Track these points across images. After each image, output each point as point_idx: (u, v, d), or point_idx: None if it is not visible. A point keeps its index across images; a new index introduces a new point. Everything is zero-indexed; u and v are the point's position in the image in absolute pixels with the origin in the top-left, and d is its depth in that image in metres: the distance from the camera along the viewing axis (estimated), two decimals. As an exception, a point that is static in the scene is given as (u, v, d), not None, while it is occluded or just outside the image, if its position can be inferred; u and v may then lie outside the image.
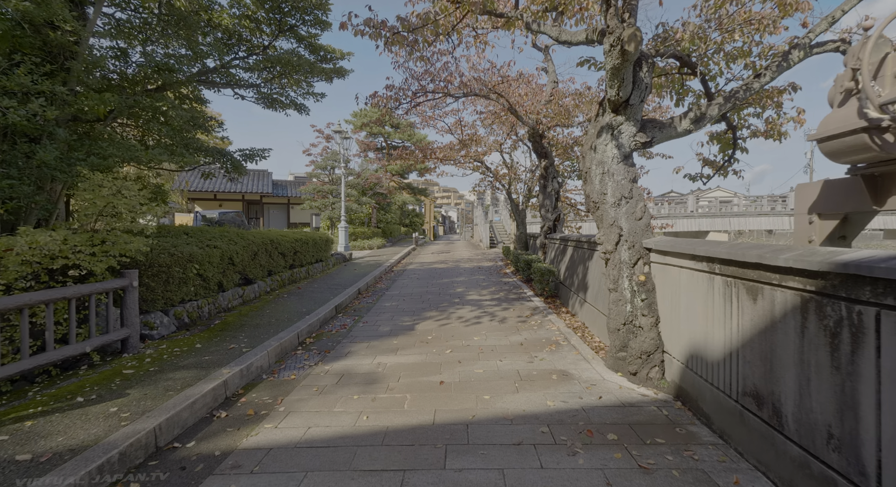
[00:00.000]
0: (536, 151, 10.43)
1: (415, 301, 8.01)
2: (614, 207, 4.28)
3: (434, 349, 5.06)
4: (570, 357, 4.66)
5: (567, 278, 7.50)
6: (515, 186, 13.38)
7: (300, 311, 6.53)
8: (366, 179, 21.65)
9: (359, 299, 8.36)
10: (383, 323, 6.39)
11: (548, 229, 10.55)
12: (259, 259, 7.46)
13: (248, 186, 23.93)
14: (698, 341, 3.18)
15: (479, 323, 6.27)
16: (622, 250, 4.21)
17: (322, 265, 11.14)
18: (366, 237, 19.66)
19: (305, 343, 5.37)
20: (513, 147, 13.38)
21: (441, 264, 14.47)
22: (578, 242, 7.08)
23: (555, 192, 10.65)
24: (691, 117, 4.16)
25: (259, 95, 8.16)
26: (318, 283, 9.35)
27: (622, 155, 4.31)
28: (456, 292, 8.99)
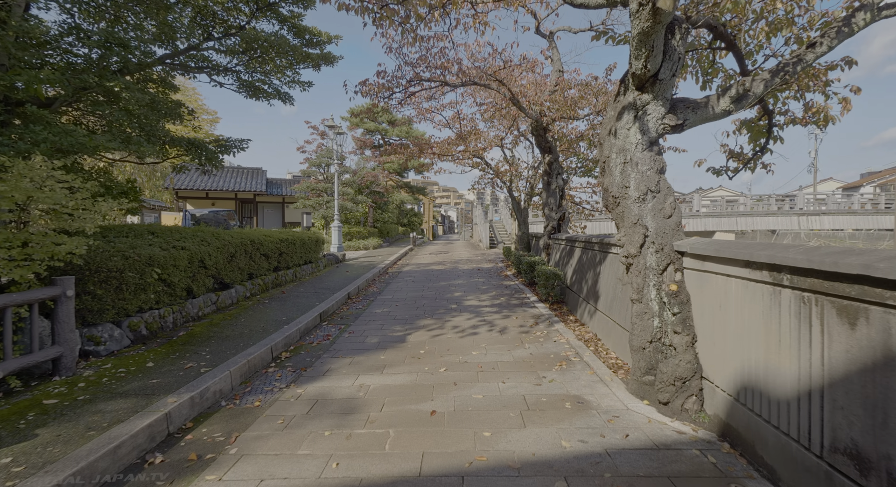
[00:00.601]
0: (540, 145, 9.77)
1: (408, 307, 7.35)
2: (638, 202, 3.62)
3: (426, 366, 4.40)
4: (584, 378, 4.00)
5: (575, 283, 6.84)
6: (517, 183, 12.73)
7: (279, 320, 5.86)
8: (362, 178, 20.99)
9: (348, 304, 7.70)
10: (371, 334, 5.73)
11: (552, 229, 9.90)
12: (237, 262, 6.80)
13: (241, 184, 23.27)
14: (755, 370, 2.52)
15: (477, 334, 5.61)
16: (648, 254, 3.55)
17: (312, 267, 10.47)
18: (361, 237, 19.00)
19: (280, 359, 4.71)
20: (514, 143, 12.72)
21: (438, 266, 13.81)
22: (588, 243, 6.42)
23: (559, 189, 10.00)
24: (732, 95, 3.50)
25: (240, 83, 7.50)
26: (306, 287, 8.68)
27: (647, 141, 3.65)
28: (453, 296, 8.32)
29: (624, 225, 3.77)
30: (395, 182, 30.01)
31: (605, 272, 5.45)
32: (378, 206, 23.53)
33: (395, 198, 28.23)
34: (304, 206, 18.49)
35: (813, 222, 25.62)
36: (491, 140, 11.28)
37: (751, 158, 5.31)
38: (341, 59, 8.06)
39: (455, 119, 10.87)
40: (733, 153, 5.63)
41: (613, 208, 3.86)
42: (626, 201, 3.70)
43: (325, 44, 7.46)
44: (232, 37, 6.54)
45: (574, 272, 7.02)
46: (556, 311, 6.88)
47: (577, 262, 6.93)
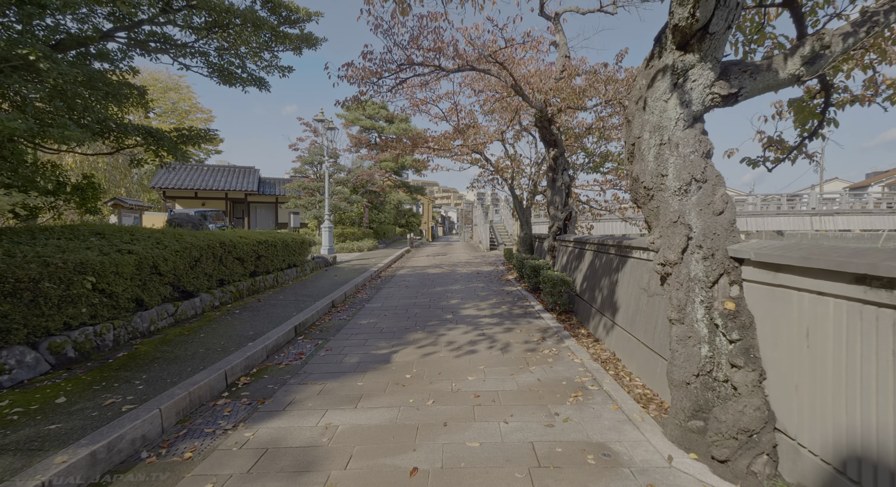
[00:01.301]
0: (544, 138, 8.98)
1: (398, 318, 6.55)
2: (679, 195, 2.82)
3: (412, 397, 3.60)
4: (607, 416, 3.19)
5: (586, 291, 6.04)
6: (519, 180, 11.93)
7: (245, 334, 5.06)
8: (357, 177, 20.20)
9: (331, 314, 6.89)
10: (352, 351, 4.92)
11: (557, 230, 9.09)
12: (203, 266, 6.00)
13: (232, 183, 22.49)
14: (878, 433, 1.72)
15: (475, 352, 4.80)
16: (693, 261, 2.75)
17: (297, 271, 9.67)
18: (356, 239, 18.20)
19: (236, 386, 3.90)
20: (516, 137, 11.92)
21: (435, 269, 13.00)
22: (601, 245, 5.62)
23: (565, 186, 9.20)
24: (804, 55, 2.70)
25: (210, 67, 6.70)
26: (286, 293, 7.87)
27: (690, 116, 2.85)
28: (449, 304, 7.52)
29: (659, 224, 2.97)
30: (393, 182, 29.23)
31: (625, 280, 4.65)
32: (374, 206, 22.73)
33: (392, 198, 27.44)
34: (295, 206, 17.69)
35: (826, 222, 24.80)
36: (491, 135, 10.50)
37: (796, 146, 4.51)
38: (325, 42, 7.27)
39: (452, 111, 10.09)
40: (772, 141, 4.84)
41: (645, 203, 3.06)
42: (663, 194, 2.90)
43: (304, 22, 6.67)
44: (195, 9, 5.74)
45: (585, 279, 6.22)
46: (564, 323, 6.07)
47: (589, 267, 6.13)
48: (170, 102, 40.14)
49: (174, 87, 40.12)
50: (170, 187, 20.91)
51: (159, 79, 39.39)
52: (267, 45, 6.75)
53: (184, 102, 40.41)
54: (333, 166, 19.22)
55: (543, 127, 8.68)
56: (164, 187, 20.85)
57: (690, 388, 2.70)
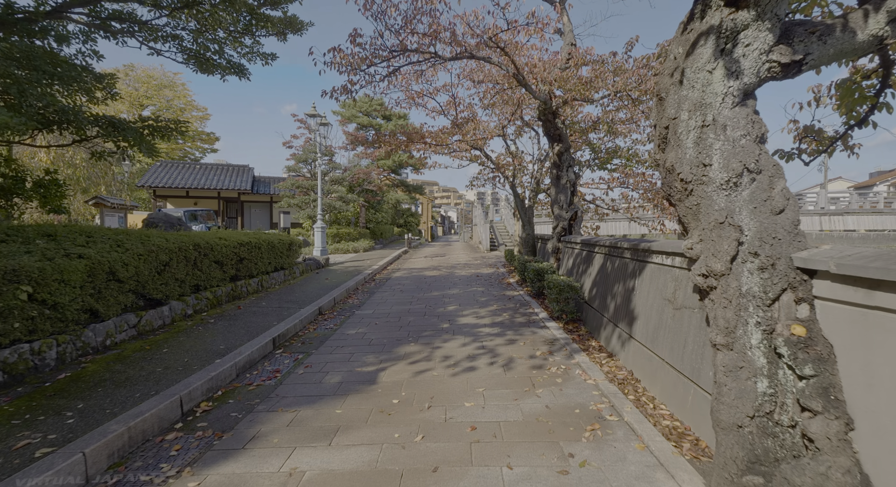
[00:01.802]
0: (548, 133, 8.41)
1: (389, 327, 5.98)
2: (726, 189, 2.26)
3: (398, 430, 3.03)
4: (632, 458, 2.63)
5: (596, 298, 5.47)
6: (520, 178, 11.36)
7: (215, 349, 4.49)
8: (353, 175, 19.63)
9: (316, 323, 6.32)
10: (334, 368, 4.36)
11: (562, 231, 8.53)
12: (173, 271, 5.43)
13: (224, 182, 21.91)
14: None
15: (474, 369, 4.24)
16: (745, 272, 2.19)
17: (285, 274, 9.10)
18: (351, 239, 17.63)
19: (194, 415, 3.34)
20: (517, 133, 11.36)
21: (433, 271, 12.44)
22: (614, 248, 5.05)
23: (570, 184, 8.64)
24: (890, 9, 2.12)
25: (183, 52, 6.12)
26: (270, 299, 7.31)
27: (741, 90, 2.29)
28: (447, 311, 6.95)
29: (700, 225, 2.40)
30: (391, 181, 28.66)
31: (643, 289, 4.08)
32: (371, 205, 22.16)
33: (390, 197, 26.87)
34: (289, 205, 17.12)
35: (836, 222, 24.24)
36: (491, 130, 9.93)
37: (840, 136, 3.95)
38: (311, 27, 6.70)
39: (450, 105, 9.52)
40: (809, 130, 4.28)
41: (681, 199, 2.49)
42: (705, 188, 2.33)
43: (287, 2, 6.09)
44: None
45: (595, 285, 5.65)
46: (572, 333, 5.50)
47: (599, 272, 5.56)
48: (164, 100, 39.67)
49: (169, 84, 39.64)
50: (160, 186, 20.34)
51: (154, 76, 38.92)
52: (247, 29, 6.18)
53: (179, 99, 39.96)
54: (329, 165, 18.67)
55: (547, 120, 8.11)
56: (154, 185, 20.28)
57: (744, 433, 2.13)
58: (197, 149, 41.67)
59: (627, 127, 8.64)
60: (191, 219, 16.98)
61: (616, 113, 8.44)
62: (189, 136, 40.20)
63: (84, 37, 5.37)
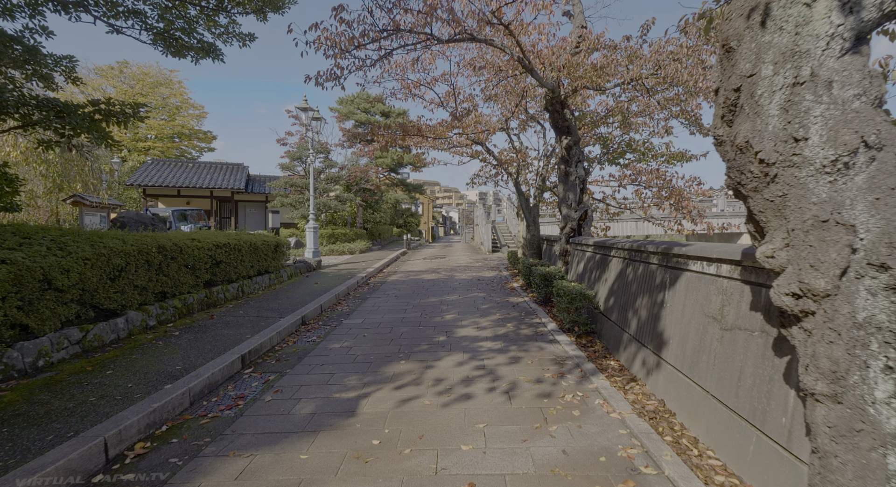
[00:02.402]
0: (555, 125, 7.73)
1: (379, 340, 5.31)
2: (831, 172, 1.58)
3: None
4: (686, 540, 1.94)
5: (614, 310, 4.79)
6: (525, 175, 10.68)
7: (169, 370, 3.83)
8: (350, 173, 18.97)
9: (297, 334, 5.65)
10: (309, 393, 3.69)
11: (570, 231, 7.84)
12: (131, 277, 4.76)
13: (217, 180, 21.27)
14: None
15: (471, 396, 3.56)
16: (863, 293, 1.51)
17: (270, 278, 8.44)
18: (347, 240, 16.97)
19: (122, 461, 2.67)
20: (521, 127, 10.69)
21: (431, 275, 11.76)
22: (637, 252, 4.37)
23: (580, 181, 7.96)
24: None
25: (149, 31, 5.46)
26: (250, 306, 6.64)
27: (854, 30, 1.61)
28: (444, 321, 6.27)
29: (786, 224, 1.73)
30: (391, 180, 28.02)
31: (677, 302, 3.40)
32: (369, 205, 21.49)
33: (389, 197, 26.22)
34: (282, 204, 16.47)
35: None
36: (493, 125, 9.26)
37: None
38: (294, 5, 6.04)
39: (449, 96, 8.85)
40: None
41: (758, 189, 1.81)
42: (797, 171, 1.66)
43: (263, -26, 5.43)
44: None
45: (612, 294, 4.96)
46: (586, 349, 4.82)
47: (617, 279, 4.88)
48: (160, 98, 39.16)
49: (165, 82, 39.16)
50: (150, 185, 19.70)
51: (149, 73, 38.43)
52: (220, 5, 5.52)
53: (175, 97, 39.46)
54: (325, 162, 18.02)
55: (555, 111, 7.43)
56: (144, 184, 19.65)
57: (867, 530, 1.45)
58: (194, 148, 41.12)
59: (642, 119, 7.95)
60: (180, 219, 16.34)
61: (629, 104, 7.76)
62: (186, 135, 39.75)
63: (31, 9, 4.71)
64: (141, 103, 4.93)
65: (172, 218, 15.88)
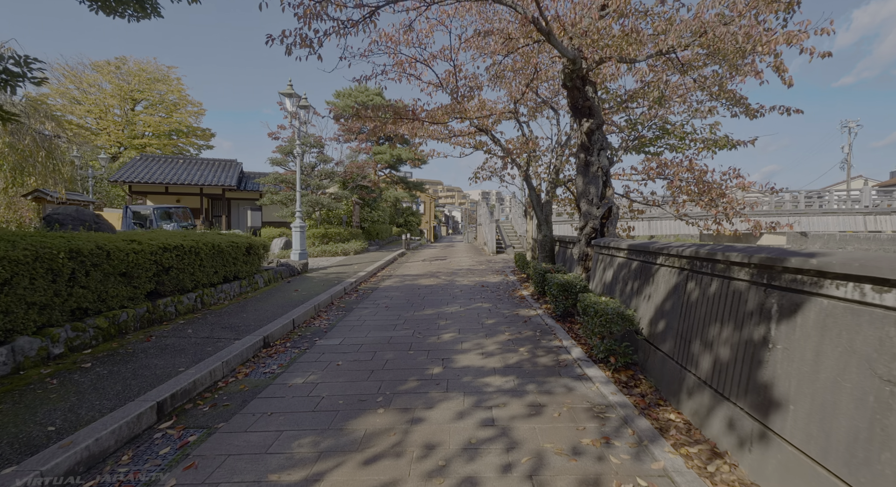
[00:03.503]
0: (574, 105, 6.50)
1: (355, 373, 4.11)
2: None
3: None
4: None
5: (666, 337, 3.55)
6: (535, 167, 9.45)
7: (36, 434, 2.65)
8: (346, 170, 17.79)
9: (254, 362, 4.45)
10: (235, 470, 2.49)
11: (592, 232, 6.61)
12: (21, 292, 3.59)
13: (208, 177, 20.18)
14: None
15: (478, 484, 2.34)
16: None
17: (241, 286, 7.27)
18: (342, 240, 15.79)
19: None
20: (531, 114, 9.47)
21: (430, 280, 10.55)
22: (708, 261, 3.14)
23: (603, 172, 6.73)
24: None
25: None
26: (202, 323, 5.46)
27: None
28: (440, 343, 5.07)
29: None
30: (391, 178, 26.85)
31: (807, 347, 2.17)
32: (366, 203, 20.31)
33: (389, 195, 25.05)
34: (272, 201, 15.32)
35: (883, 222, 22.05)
36: (500, 112, 8.03)
37: None
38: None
39: (450, 76, 7.65)
40: None
41: None
42: None
43: None
44: None
45: (662, 315, 3.72)
46: (630, 390, 3.58)
47: (672, 297, 3.64)
48: (157, 94, 38.21)
49: (162, 78, 38.25)
50: (136, 182, 18.63)
51: (146, 69, 37.51)
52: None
53: (172, 93, 38.52)
54: (318, 158, 16.87)
55: (575, 88, 6.20)
56: (130, 181, 18.58)
57: None
58: (192, 145, 40.17)
59: (677, 98, 6.66)
60: (163, 217, 15.24)
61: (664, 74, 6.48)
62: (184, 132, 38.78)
63: None
64: (34, 58, 3.75)
65: (153, 216, 14.80)
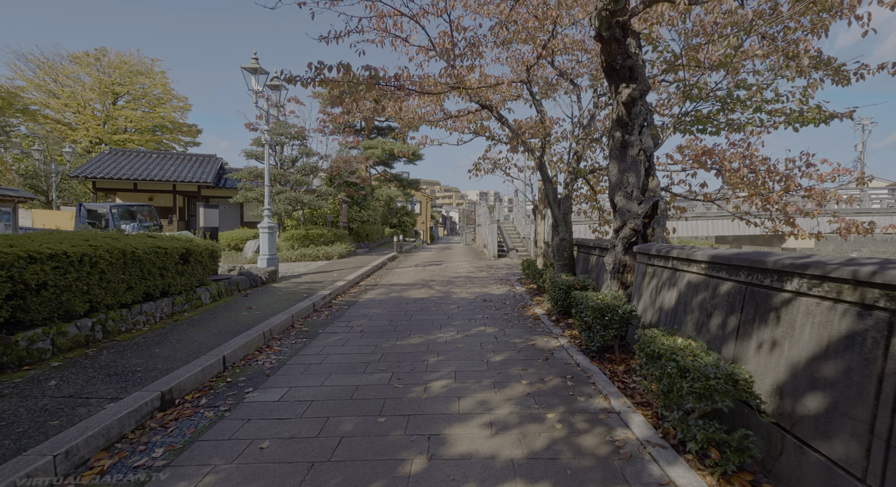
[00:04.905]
0: (611, 64, 4.88)
1: (284, 474, 2.46)
2: None
3: None
4: None
5: (843, 432, 1.91)
6: (550, 154, 7.83)
7: None
8: (333, 165, 16.14)
9: (132, 441, 2.80)
10: None
11: (631, 234, 5.02)
12: None
13: (182, 173, 18.48)
14: None
15: None
16: None
17: (176, 303, 5.62)
18: (325, 242, 14.14)
19: None
20: (544, 92, 7.88)
21: (421, 291, 8.91)
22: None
23: (645, 156, 5.14)
24: None
25: None
26: (91, 365, 3.80)
27: None
28: (428, 400, 3.43)
29: None
30: (384, 175, 25.22)
31: None
32: (355, 201, 18.65)
33: (381, 193, 23.40)
34: (246, 198, 13.66)
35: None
36: (509, 82, 6.40)
37: None
38: None
39: (444, 38, 6.03)
40: None
41: None
42: None
43: None
44: None
45: (823, 388, 2.07)
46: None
47: (842, 356, 1.99)
48: (139, 88, 36.47)
49: (146, 71, 36.50)
50: (101, 177, 16.91)
51: (128, 62, 35.73)
52: None
53: (156, 87, 36.78)
54: (300, 150, 15.21)
55: (614, 40, 4.58)
56: (94, 176, 16.86)
57: None
58: (177, 142, 38.42)
59: (767, 49, 4.84)
60: (124, 216, 13.54)
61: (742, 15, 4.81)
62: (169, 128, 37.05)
63: None
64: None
65: (110, 215, 13.08)
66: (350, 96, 5.12)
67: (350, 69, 4.77)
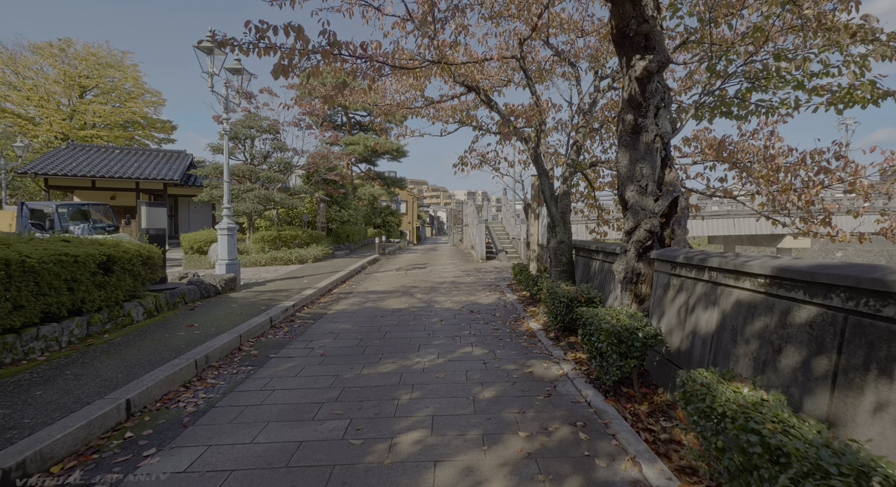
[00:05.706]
0: (622, 31, 4.02)
1: None
2: None
3: None
4: None
5: None
6: (545, 144, 6.95)
7: None
8: (310, 161, 15.06)
9: None
10: None
11: (647, 237, 4.17)
12: None
13: (146, 170, 17.15)
14: None
15: None
16: None
17: (92, 323, 4.57)
18: (300, 244, 13.07)
19: None
20: (540, 74, 7.01)
21: (400, 300, 7.96)
22: None
23: (662, 143, 4.30)
24: None
25: None
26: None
27: None
28: (391, 467, 2.50)
29: None
30: (367, 174, 24.16)
31: None
32: (334, 200, 17.58)
33: (364, 192, 22.35)
34: (211, 197, 12.50)
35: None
36: (499, 57, 5.51)
37: None
38: None
39: (425, 6, 5.11)
40: None
41: None
42: None
43: None
44: None
45: None
46: None
47: None
48: (109, 81, 34.64)
49: (116, 64, 34.65)
50: (54, 174, 15.51)
51: (96, 53, 33.87)
52: None
53: (127, 81, 34.97)
54: (272, 145, 14.09)
55: (626, 5, 3.71)
56: (46, 173, 15.45)
57: None
58: (150, 138, 36.63)
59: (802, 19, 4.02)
60: (74, 217, 12.24)
61: None
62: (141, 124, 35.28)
63: None
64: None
65: (56, 215, 11.78)
66: (303, 70, 4.15)
67: (302, 31, 3.81)
